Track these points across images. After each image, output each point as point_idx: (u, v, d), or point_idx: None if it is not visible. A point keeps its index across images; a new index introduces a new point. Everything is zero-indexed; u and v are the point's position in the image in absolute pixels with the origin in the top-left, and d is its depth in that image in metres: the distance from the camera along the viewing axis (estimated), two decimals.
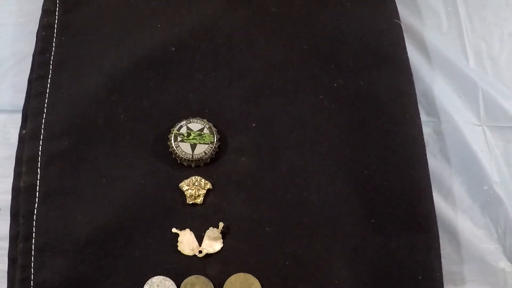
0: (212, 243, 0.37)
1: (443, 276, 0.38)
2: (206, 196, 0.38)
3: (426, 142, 0.42)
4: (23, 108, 0.41)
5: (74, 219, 0.37)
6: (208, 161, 0.39)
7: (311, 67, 0.43)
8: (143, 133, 0.40)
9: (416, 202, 0.39)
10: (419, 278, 0.37)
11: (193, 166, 0.39)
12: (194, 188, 0.38)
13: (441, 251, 0.38)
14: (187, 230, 0.37)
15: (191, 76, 0.42)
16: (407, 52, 0.44)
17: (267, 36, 0.44)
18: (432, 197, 0.39)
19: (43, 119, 0.40)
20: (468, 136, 0.44)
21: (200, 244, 0.37)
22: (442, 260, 0.38)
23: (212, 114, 0.41)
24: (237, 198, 0.38)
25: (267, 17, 0.44)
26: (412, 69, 0.44)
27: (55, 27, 0.43)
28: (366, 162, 0.40)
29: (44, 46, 0.43)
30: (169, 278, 0.36)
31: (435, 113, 0.45)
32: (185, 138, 0.39)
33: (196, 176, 0.39)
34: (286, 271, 0.37)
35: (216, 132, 0.40)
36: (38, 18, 0.44)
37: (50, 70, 0.42)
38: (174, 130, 0.39)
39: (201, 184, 0.38)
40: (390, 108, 0.41)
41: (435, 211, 0.39)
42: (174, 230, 0.37)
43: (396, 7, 0.46)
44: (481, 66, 0.48)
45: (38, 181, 0.38)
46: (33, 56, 0.43)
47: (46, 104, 0.41)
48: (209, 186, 0.38)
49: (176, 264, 0.37)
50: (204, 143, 0.39)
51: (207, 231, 0.37)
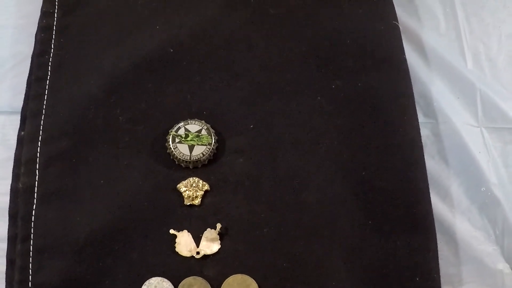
0: (210, 244, 0.37)
1: (441, 278, 0.38)
2: (203, 197, 0.38)
3: (424, 143, 0.41)
4: (22, 109, 0.41)
5: (72, 220, 0.37)
6: (206, 162, 0.39)
7: (309, 68, 0.43)
8: (142, 134, 0.40)
9: (414, 203, 0.39)
10: (417, 279, 0.37)
11: (191, 167, 0.39)
12: (192, 189, 0.38)
13: (438, 253, 0.38)
14: (185, 231, 0.37)
15: (190, 78, 0.42)
16: (405, 53, 0.44)
17: (266, 37, 0.44)
18: (430, 198, 0.39)
19: (42, 121, 0.40)
20: (466, 138, 0.44)
21: (197, 245, 0.37)
22: (440, 261, 0.38)
23: (210, 116, 0.41)
24: (235, 199, 0.38)
25: (265, 18, 0.44)
26: (410, 70, 0.44)
27: (54, 29, 0.44)
28: (364, 163, 0.40)
29: (43, 48, 0.43)
30: (166, 279, 0.36)
31: (433, 114, 0.45)
32: (183, 139, 0.39)
33: (194, 177, 0.39)
34: (284, 272, 0.37)
35: (214, 133, 0.40)
36: (37, 20, 0.44)
37: (49, 72, 0.42)
38: (172, 132, 0.39)
39: (198, 185, 0.38)
40: (388, 110, 0.41)
41: (432, 212, 0.39)
42: (172, 231, 0.37)
43: (394, 8, 0.46)
44: (479, 68, 0.48)
45: (36, 182, 0.38)
46: (32, 57, 0.43)
47: (45, 106, 0.41)
48: (207, 187, 0.38)
49: (174, 265, 0.37)
50: (202, 145, 0.39)
51: (205, 232, 0.37)
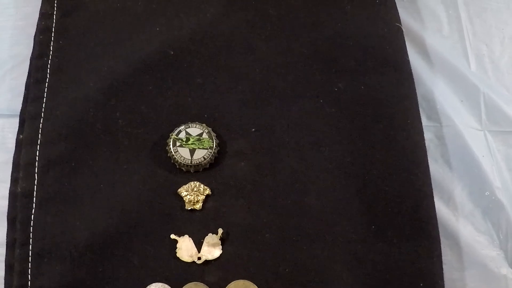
0: (211, 250, 0.37)
1: (444, 283, 0.37)
2: (205, 201, 0.38)
3: (428, 147, 0.41)
4: (21, 112, 0.41)
5: (71, 225, 0.37)
6: (207, 166, 0.39)
7: (311, 71, 0.42)
8: (142, 138, 0.40)
9: (418, 208, 0.38)
10: (421, 285, 0.37)
11: (192, 171, 0.39)
12: (193, 193, 0.38)
13: (442, 257, 0.38)
14: (186, 236, 0.37)
15: (190, 80, 0.42)
16: (408, 56, 0.44)
17: (267, 39, 0.43)
18: (434, 203, 0.39)
19: (41, 124, 0.40)
20: (469, 141, 0.44)
21: (199, 250, 0.37)
22: (444, 266, 0.38)
23: (211, 119, 0.40)
24: (236, 204, 0.38)
25: (266, 20, 0.44)
26: (413, 72, 0.44)
27: (53, 30, 0.43)
28: (367, 167, 0.39)
29: (41, 50, 0.42)
30: (167, 285, 0.36)
31: (437, 117, 0.45)
32: (183, 143, 0.39)
33: (195, 182, 0.38)
34: (286, 277, 0.36)
35: (215, 137, 0.39)
36: (36, 21, 0.44)
37: (48, 74, 0.42)
38: (172, 135, 0.39)
39: (200, 189, 0.38)
40: (391, 113, 0.41)
41: (436, 217, 0.39)
42: (173, 236, 0.37)
43: (397, 10, 0.46)
44: (482, 70, 0.48)
45: (35, 186, 0.38)
46: (30, 60, 0.43)
47: (43, 109, 0.40)
48: (208, 191, 0.38)
49: (175, 271, 0.36)
50: (203, 148, 0.38)
51: (206, 237, 0.37)
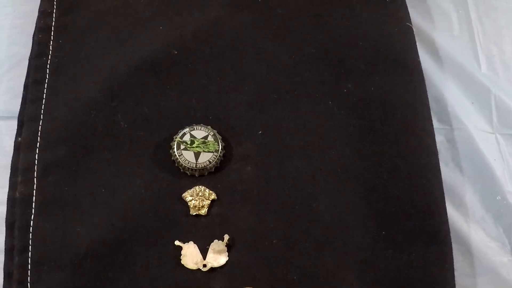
0: (217, 257, 0.36)
1: None
2: (210, 207, 0.37)
3: (438, 150, 0.40)
4: (19, 114, 0.40)
5: (72, 231, 0.36)
6: (213, 170, 0.38)
7: (319, 71, 0.42)
8: (144, 140, 0.39)
9: (429, 213, 0.38)
10: None
11: (196, 175, 0.38)
12: (198, 198, 0.37)
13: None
14: (191, 243, 0.36)
15: (195, 81, 0.41)
16: (419, 56, 0.43)
17: (274, 39, 0.43)
18: (446, 208, 0.38)
19: (40, 126, 0.39)
20: (481, 144, 0.43)
21: (204, 257, 0.36)
22: (455, 273, 0.37)
23: (216, 121, 0.40)
24: (243, 209, 0.37)
25: (273, 19, 0.43)
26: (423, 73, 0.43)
27: (52, 29, 0.43)
28: (376, 171, 0.39)
29: (40, 49, 0.42)
30: None
31: (447, 119, 0.44)
32: (188, 146, 0.38)
33: (200, 186, 0.38)
34: (294, 285, 0.36)
35: (221, 139, 0.38)
36: (35, 20, 0.43)
37: (47, 75, 0.41)
38: (177, 138, 0.38)
39: (205, 194, 0.37)
40: (402, 115, 0.40)
41: (448, 222, 0.38)
42: (177, 242, 0.36)
43: (407, 9, 0.45)
44: (493, 71, 0.47)
45: (34, 191, 0.37)
46: (29, 59, 0.42)
47: (42, 110, 0.40)
48: (213, 196, 0.37)
49: (179, 279, 0.35)
50: (208, 151, 0.38)
51: (212, 243, 0.36)
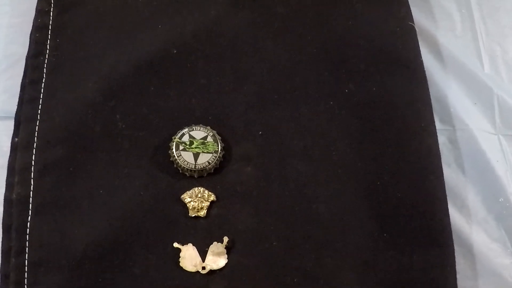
0: (216, 259, 0.36)
1: None
2: (209, 208, 0.37)
3: (441, 151, 0.40)
4: (16, 114, 0.40)
5: (69, 232, 0.36)
6: (212, 171, 0.38)
7: (320, 71, 0.41)
8: (143, 141, 0.39)
9: (431, 215, 0.37)
10: None
11: (195, 176, 0.38)
12: (197, 200, 0.37)
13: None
14: (190, 245, 0.36)
15: (194, 81, 0.41)
16: (421, 56, 0.43)
17: (274, 38, 0.42)
18: (448, 210, 0.38)
19: (37, 126, 0.39)
20: (483, 145, 0.43)
21: (203, 259, 0.36)
22: (457, 275, 0.37)
23: (215, 121, 0.39)
24: (242, 211, 0.37)
25: (274, 18, 0.43)
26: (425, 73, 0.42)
27: (50, 28, 0.42)
28: (378, 172, 0.38)
29: (38, 48, 0.41)
30: None
31: (450, 120, 0.44)
32: (187, 146, 0.37)
33: (199, 187, 0.37)
34: (294, 287, 0.35)
35: (220, 140, 0.38)
36: (32, 19, 0.43)
37: (44, 74, 0.41)
38: (175, 138, 0.38)
39: (204, 195, 0.37)
40: (404, 115, 0.40)
41: (450, 224, 0.38)
42: (176, 244, 0.36)
43: (409, 8, 0.44)
44: (496, 71, 0.47)
45: (31, 192, 0.37)
46: (26, 59, 0.42)
47: (40, 110, 0.39)
48: (212, 198, 0.37)
49: (178, 281, 0.35)
50: (207, 152, 0.37)
51: (211, 246, 0.36)
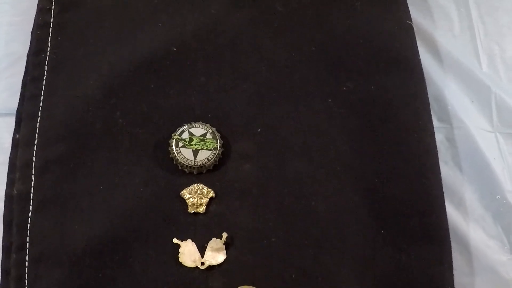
0: (215, 255, 0.36)
1: None
2: (208, 205, 0.37)
3: (438, 149, 0.40)
4: (17, 111, 0.40)
5: (70, 228, 0.36)
6: (211, 168, 0.38)
7: (319, 70, 0.41)
8: (143, 138, 0.39)
9: (428, 212, 0.38)
10: None
11: (195, 173, 0.38)
12: (196, 196, 0.37)
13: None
14: (189, 241, 0.36)
15: (194, 79, 0.41)
16: (419, 55, 0.43)
17: (273, 37, 0.42)
18: (445, 207, 0.38)
19: (38, 123, 0.39)
20: (480, 143, 0.43)
21: (202, 255, 0.36)
22: (453, 271, 0.37)
23: (215, 119, 0.39)
24: (241, 207, 0.37)
25: (273, 17, 0.43)
26: (423, 72, 0.43)
27: (51, 26, 0.42)
28: (376, 170, 0.39)
29: (39, 46, 0.42)
30: None
31: (447, 118, 0.44)
32: (186, 143, 0.38)
33: (198, 184, 0.37)
34: (292, 283, 0.35)
35: (220, 137, 0.38)
36: (33, 17, 0.43)
37: (45, 72, 0.41)
38: (175, 135, 0.38)
39: (203, 192, 0.37)
40: (402, 114, 0.40)
41: (447, 222, 0.38)
42: (175, 240, 0.36)
43: (407, 7, 0.45)
44: (494, 70, 0.47)
45: (32, 188, 0.37)
46: (27, 56, 0.42)
47: (41, 108, 0.39)
48: (212, 194, 0.37)
49: (177, 277, 0.35)
50: (207, 149, 0.38)
51: (210, 242, 0.36)
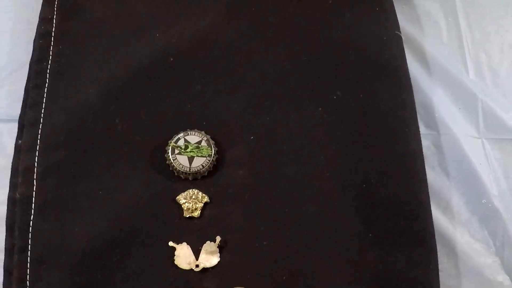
0: (209, 257, 0.37)
1: None
2: (203, 209, 0.38)
3: (425, 155, 0.41)
4: (20, 117, 0.41)
5: (70, 231, 0.37)
6: (206, 174, 0.39)
7: (310, 78, 0.42)
8: (141, 144, 0.40)
9: (414, 216, 0.38)
10: None
11: (190, 179, 0.39)
12: (191, 201, 0.38)
13: (439, 265, 0.38)
14: (184, 244, 0.37)
15: (190, 87, 0.42)
16: (407, 64, 0.43)
17: (266, 47, 0.43)
18: (431, 211, 0.39)
19: (40, 130, 0.40)
20: (467, 149, 0.44)
21: (197, 258, 0.37)
22: (440, 274, 0.38)
23: (210, 126, 0.40)
24: (234, 212, 0.38)
25: (266, 27, 0.44)
26: (411, 80, 0.43)
27: (53, 35, 0.43)
28: (364, 175, 0.39)
29: (41, 54, 0.42)
30: None
31: (434, 125, 0.45)
32: (182, 150, 0.38)
33: (194, 189, 0.38)
34: (283, 285, 0.36)
35: (214, 144, 0.39)
36: (36, 26, 0.44)
37: (47, 79, 0.41)
38: (171, 142, 0.39)
39: (198, 197, 0.38)
40: (389, 121, 0.41)
41: (433, 225, 0.39)
42: (171, 243, 0.37)
43: (396, 17, 0.45)
44: (481, 77, 0.47)
45: (34, 192, 0.38)
46: (30, 64, 0.43)
47: (42, 114, 0.40)
48: (206, 199, 0.38)
49: (173, 278, 0.36)
50: (201, 156, 0.38)
51: (204, 245, 0.37)
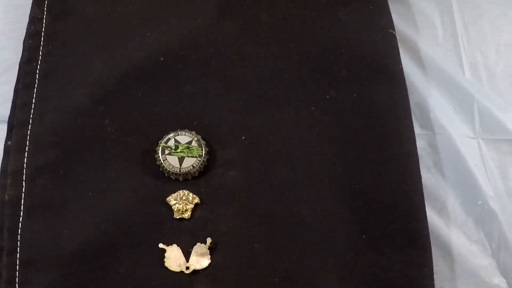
0: (200, 259, 0.36)
1: None
2: (194, 210, 0.38)
3: (420, 155, 0.41)
4: (9, 118, 0.41)
5: (59, 233, 0.37)
6: (196, 174, 0.38)
7: (303, 78, 0.42)
8: (131, 145, 0.39)
9: (409, 218, 0.38)
10: None
11: (180, 179, 0.38)
12: (182, 202, 0.37)
13: (434, 267, 0.38)
14: (174, 246, 0.37)
15: (181, 87, 0.41)
16: (401, 63, 0.43)
17: (259, 46, 0.43)
18: (426, 213, 0.39)
19: (29, 130, 0.39)
20: (462, 150, 0.44)
21: (187, 260, 0.36)
22: (435, 276, 0.38)
23: (201, 126, 0.40)
24: (225, 213, 0.38)
25: (259, 27, 0.44)
26: (406, 80, 0.43)
27: (42, 35, 0.43)
28: (358, 176, 0.39)
29: (30, 55, 0.42)
30: None
31: (430, 125, 0.45)
32: (172, 151, 0.38)
33: (184, 190, 0.38)
34: (275, 287, 0.36)
35: (205, 145, 0.39)
36: (25, 26, 0.43)
37: (37, 80, 0.41)
38: (161, 143, 0.38)
39: (188, 198, 0.38)
40: (383, 121, 0.40)
41: (428, 227, 0.38)
42: (161, 245, 0.36)
43: (391, 17, 0.45)
44: (477, 77, 0.47)
45: (23, 194, 0.38)
46: (19, 64, 0.42)
47: (32, 115, 0.40)
48: (197, 200, 0.38)
49: (163, 280, 0.36)
50: (192, 156, 0.38)
51: (195, 246, 0.37)
